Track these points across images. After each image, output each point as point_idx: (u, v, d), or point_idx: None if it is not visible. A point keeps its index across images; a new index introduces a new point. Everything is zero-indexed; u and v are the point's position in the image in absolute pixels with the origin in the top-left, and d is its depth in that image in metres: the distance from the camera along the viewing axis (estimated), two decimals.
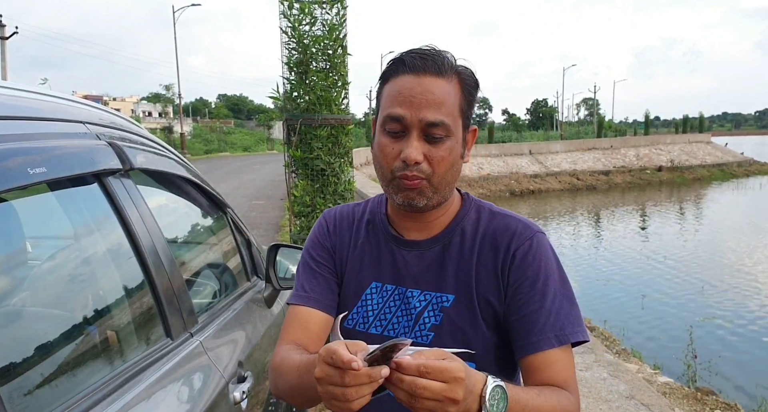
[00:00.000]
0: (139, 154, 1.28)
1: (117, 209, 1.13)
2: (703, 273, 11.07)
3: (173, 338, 1.20)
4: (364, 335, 1.00)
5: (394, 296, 1.01)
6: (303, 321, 1.03)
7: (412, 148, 0.90)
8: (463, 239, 1.01)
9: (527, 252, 0.97)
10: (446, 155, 0.92)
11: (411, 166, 0.91)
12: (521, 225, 1.00)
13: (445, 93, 0.91)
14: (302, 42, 4.12)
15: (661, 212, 20.87)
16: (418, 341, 0.96)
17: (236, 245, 2.00)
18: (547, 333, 0.92)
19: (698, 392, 4.62)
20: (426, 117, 0.89)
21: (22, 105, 0.99)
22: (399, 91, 0.91)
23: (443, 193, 0.97)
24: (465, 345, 0.94)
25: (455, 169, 0.96)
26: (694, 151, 37.57)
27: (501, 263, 0.97)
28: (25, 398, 0.78)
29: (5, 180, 0.77)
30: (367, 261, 1.05)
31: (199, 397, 1.16)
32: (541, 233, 1.00)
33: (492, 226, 1.01)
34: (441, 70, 0.91)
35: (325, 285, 1.06)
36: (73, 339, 0.96)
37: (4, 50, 23.27)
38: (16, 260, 1.01)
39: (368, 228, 1.08)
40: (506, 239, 0.99)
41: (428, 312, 0.98)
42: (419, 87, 0.90)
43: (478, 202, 1.07)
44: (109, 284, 1.15)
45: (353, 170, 4.63)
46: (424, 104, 0.89)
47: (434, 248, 1.02)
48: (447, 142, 0.92)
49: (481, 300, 0.97)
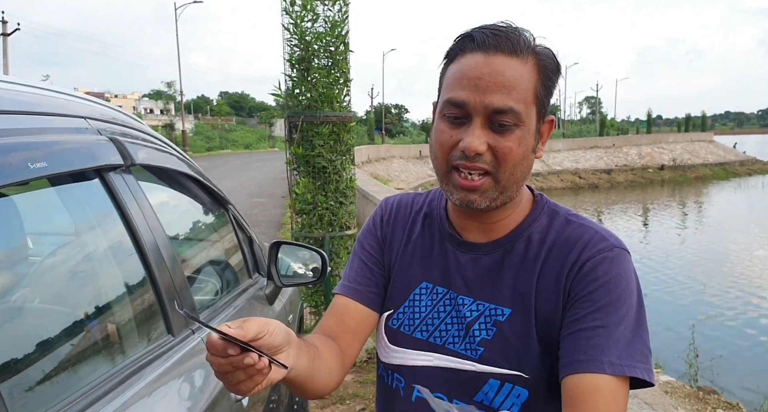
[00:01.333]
0: (141, 150, 1.28)
1: (118, 205, 1.12)
2: (705, 272, 11.06)
3: (175, 334, 1.19)
4: (408, 338, 0.91)
5: (445, 300, 0.91)
6: (339, 312, 0.96)
7: (473, 136, 0.78)
8: (528, 247, 0.88)
9: (598, 265, 0.82)
10: (515, 147, 0.79)
11: (471, 157, 0.79)
12: (598, 236, 0.85)
13: (518, 75, 0.78)
14: (304, 39, 4.10)
15: (662, 210, 20.83)
16: (467, 355, 0.86)
17: (238, 241, 1.99)
18: (600, 355, 0.77)
19: (700, 392, 4.61)
20: (492, 103, 0.77)
21: (22, 99, 0.98)
22: (463, 71, 0.80)
23: (510, 193, 0.84)
24: (517, 366, 0.84)
25: (525, 164, 0.83)
26: (696, 149, 37.51)
27: (565, 276, 0.83)
28: (27, 394, 0.77)
29: (6, 175, 0.77)
30: (418, 258, 0.95)
31: (201, 394, 1.15)
32: (624, 249, 0.85)
33: (564, 235, 0.87)
34: (516, 48, 0.79)
35: (370, 277, 0.97)
36: (74, 335, 0.96)
37: (5, 47, 23.26)
38: (17, 256, 1.01)
39: (425, 222, 0.98)
40: (576, 250, 0.84)
41: (479, 324, 0.87)
42: (487, 67, 0.78)
43: (553, 206, 0.93)
44: (111, 281, 1.14)
45: (355, 168, 4.61)
46: (492, 88, 0.77)
47: (494, 253, 0.89)
48: (516, 131, 0.79)
49: (539, 318, 0.84)
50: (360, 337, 0.96)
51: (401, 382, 0.92)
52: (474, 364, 0.85)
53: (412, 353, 0.90)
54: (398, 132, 63.01)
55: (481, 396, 0.85)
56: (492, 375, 0.84)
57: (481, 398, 0.85)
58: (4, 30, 23.59)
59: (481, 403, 0.85)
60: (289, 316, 2.29)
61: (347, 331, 0.94)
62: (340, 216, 4.37)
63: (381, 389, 0.98)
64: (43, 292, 0.99)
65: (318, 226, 4.34)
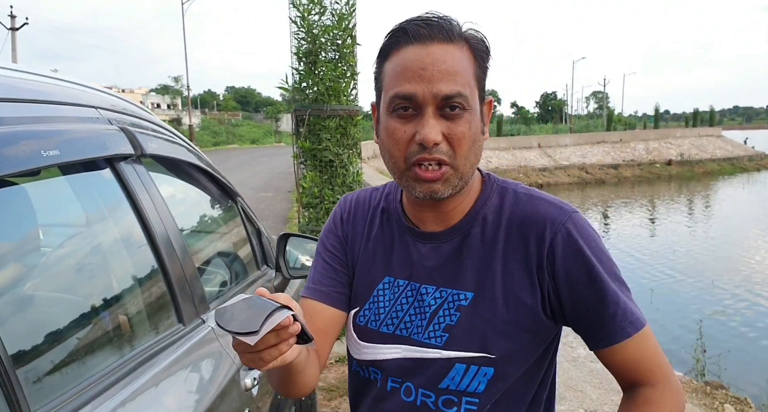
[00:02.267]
0: (151, 141, 1.28)
1: (129, 195, 1.13)
2: (713, 267, 11.00)
3: (185, 323, 1.20)
4: (375, 334, 0.93)
5: (407, 292, 0.92)
6: (310, 314, 0.96)
7: (428, 127, 0.79)
8: (485, 229, 0.89)
9: (566, 239, 0.85)
10: (467, 131, 0.81)
11: (430, 149, 0.80)
12: (552, 208, 0.88)
13: (458, 60, 0.79)
14: (311, 32, 4.09)
15: (670, 205, 20.73)
16: (432, 343, 0.88)
17: (246, 233, 2.00)
18: (621, 322, 0.84)
19: (707, 386, 4.60)
20: (441, 90, 0.78)
21: (34, 88, 0.99)
22: (405, 65, 0.79)
23: (466, 177, 0.85)
24: (482, 348, 0.86)
25: (477, 146, 0.84)
26: (704, 145, 37.24)
27: (537, 257, 0.86)
28: (43, 380, 0.78)
29: (19, 162, 0.77)
30: (379, 254, 0.96)
31: (211, 382, 1.16)
32: (575, 211, 0.88)
33: (518, 211, 0.89)
34: (450, 35, 0.80)
35: (334, 277, 0.98)
36: (88, 324, 0.97)
37: (14, 41, 23.37)
38: (29, 246, 1.01)
39: (383, 217, 0.99)
40: (538, 227, 0.86)
41: (443, 311, 0.89)
42: (429, 57, 0.78)
43: (502, 182, 0.94)
44: (123, 270, 1.15)
45: (361, 162, 4.61)
46: (437, 76, 0.78)
47: (452, 239, 0.91)
48: (465, 115, 0.80)
49: (508, 298, 0.86)
50: (331, 337, 0.98)
51: (378, 374, 0.94)
52: (439, 351, 0.88)
53: (382, 347, 0.92)
54: None
55: (447, 382, 0.87)
56: (458, 360, 0.86)
57: (446, 385, 0.87)
58: (12, 25, 23.71)
59: (447, 389, 0.88)
60: None
61: (318, 333, 0.95)
62: None
63: (356, 383, 1.00)
64: (56, 281, 1.00)
65: (325, 219, 4.34)
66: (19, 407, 0.67)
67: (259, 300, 0.65)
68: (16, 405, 0.67)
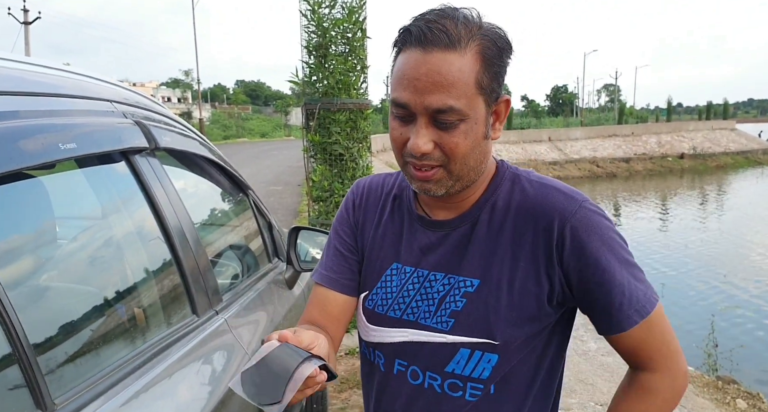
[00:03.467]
0: (165, 134, 1.29)
1: (144, 188, 1.14)
2: (725, 262, 10.90)
3: (199, 315, 1.21)
4: (383, 318, 0.95)
5: (413, 278, 0.94)
6: (322, 301, 1.00)
7: (417, 136, 0.80)
8: (493, 216, 0.90)
9: (577, 227, 0.85)
10: (461, 141, 0.81)
11: (419, 157, 0.82)
12: (562, 197, 0.87)
13: (455, 70, 0.77)
14: (321, 25, 4.09)
15: (682, 199, 20.54)
16: (438, 328, 0.90)
17: (258, 226, 2.01)
18: (627, 311, 0.85)
19: (719, 381, 4.57)
20: (431, 104, 0.78)
21: (50, 82, 1.00)
22: (403, 71, 0.80)
23: (468, 179, 0.86)
24: (486, 334, 0.87)
25: (478, 151, 0.84)
26: (717, 138, 36.80)
27: (545, 247, 0.86)
28: (63, 369, 0.79)
29: (38, 154, 0.78)
30: (388, 240, 0.98)
31: (224, 372, 1.17)
32: (585, 200, 0.88)
33: (529, 199, 0.89)
34: (452, 41, 0.77)
35: (345, 264, 1.01)
36: (104, 315, 0.98)
37: (27, 35, 23.56)
38: (46, 238, 1.03)
39: (394, 204, 1.01)
40: (547, 216, 0.86)
41: (450, 297, 0.90)
42: (424, 66, 0.77)
43: (514, 170, 0.94)
44: (138, 262, 1.17)
45: (371, 156, 4.61)
46: (429, 88, 0.77)
47: (461, 227, 0.92)
48: (461, 126, 0.80)
49: (514, 285, 0.87)
50: (344, 322, 1.01)
51: (381, 358, 0.96)
52: (445, 335, 0.89)
53: (389, 331, 0.95)
54: None
55: (452, 366, 0.89)
56: (462, 344, 0.88)
57: (452, 368, 0.89)
58: (25, 19, 23.89)
59: (452, 372, 0.89)
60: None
61: (332, 320, 0.99)
62: None
63: (364, 366, 1.04)
64: (74, 273, 1.01)
65: (334, 213, 4.35)
66: (41, 395, 0.69)
67: (282, 355, 0.62)
68: (38, 392, 0.68)
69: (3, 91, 0.81)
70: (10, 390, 0.68)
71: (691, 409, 2.58)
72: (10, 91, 0.83)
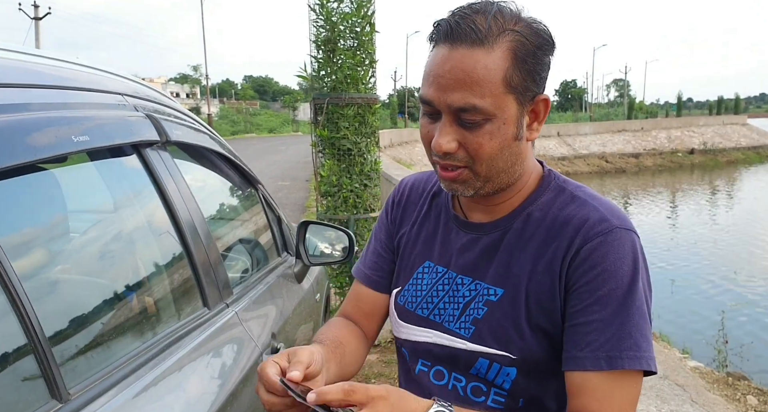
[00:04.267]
0: (176, 128, 1.29)
1: (155, 181, 1.14)
2: (735, 258, 10.82)
3: (210, 307, 1.22)
4: (412, 315, 0.95)
5: (444, 279, 0.92)
6: (356, 297, 1.04)
7: (440, 135, 0.78)
8: (526, 226, 0.86)
9: (595, 249, 0.79)
10: (485, 142, 0.77)
11: (441, 156, 0.80)
12: (598, 215, 0.81)
13: (480, 68, 0.74)
14: (330, 19, 4.08)
15: (691, 195, 20.38)
16: (460, 334, 0.88)
17: (267, 221, 2.02)
18: (597, 351, 0.76)
19: (729, 377, 4.54)
20: (454, 102, 0.75)
21: (63, 75, 1.00)
22: (430, 67, 0.78)
23: (499, 181, 0.82)
24: (504, 347, 0.84)
25: (507, 153, 0.80)
26: (728, 133, 36.46)
27: (561, 260, 0.81)
28: (76, 360, 0.80)
29: (51, 147, 0.79)
30: (423, 238, 0.97)
31: (235, 365, 1.18)
32: (625, 229, 0.80)
33: (565, 212, 0.84)
34: (479, 36, 0.74)
35: (380, 263, 1.02)
36: (118, 307, 0.99)
37: (37, 31, 23.70)
38: (59, 230, 1.03)
39: (432, 202, 1.00)
40: (573, 231, 0.81)
41: (474, 303, 0.87)
42: (448, 63, 0.75)
43: (561, 182, 0.90)
44: (150, 254, 1.17)
45: (379, 151, 4.60)
46: (452, 86, 0.75)
47: (493, 233, 0.89)
48: (486, 126, 0.76)
49: (530, 300, 0.83)
50: (377, 319, 1.03)
51: (407, 355, 0.96)
52: (465, 342, 0.87)
53: (416, 329, 0.94)
54: None
55: (475, 371, 0.88)
56: (481, 354, 0.86)
57: (475, 372, 0.88)
58: (36, 14, 24.04)
59: (477, 376, 0.88)
60: (317, 295, 2.32)
61: (365, 315, 1.02)
62: (365, 198, 4.38)
63: (399, 360, 1.04)
64: (88, 265, 1.02)
65: (343, 208, 4.36)
66: (56, 385, 0.69)
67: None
68: (53, 383, 0.69)
69: (16, 84, 0.81)
70: (25, 380, 0.68)
71: (703, 404, 2.57)
72: (23, 83, 0.83)
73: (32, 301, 0.68)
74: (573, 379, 0.79)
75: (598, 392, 0.76)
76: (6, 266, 0.65)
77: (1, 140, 0.69)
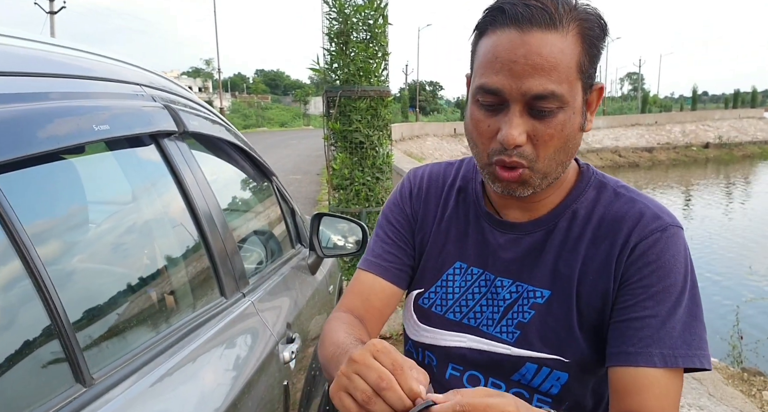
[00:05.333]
0: (192, 119, 1.30)
1: (173, 171, 1.15)
2: (750, 253, 10.70)
3: (227, 297, 1.23)
4: (440, 319, 0.89)
5: (480, 281, 0.87)
6: (366, 290, 0.93)
7: (512, 127, 0.72)
8: (572, 224, 0.83)
9: (651, 247, 0.77)
10: (557, 133, 0.73)
11: (510, 151, 0.74)
12: (650, 212, 0.80)
13: (557, 52, 0.70)
14: (343, 11, 4.07)
15: (706, 189, 20.15)
16: (502, 338, 0.84)
17: (281, 212, 2.03)
18: (650, 347, 0.74)
19: (744, 373, 4.50)
20: (531, 89, 0.70)
21: (83, 65, 1.01)
22: (496, 53, 0.71)
23: (554, 175, 0.79)
24: (556, 351, 0.81)
25: (570, 145, 0.76)
26: (744, 127, 35.96)
27: (616, 258, 0.79)
28: (97, 347, 0.81)
29: (73, 135, 0.79)
30: (452, 237, 0.91)
31: (252, 353, 1.19)
32: (677, 226, 0.79)
33: (613, 210, 0.82)
34: (553, 19, 0.70)
35: (396, 253, 0.94)
36: (138, 295, 1.00)
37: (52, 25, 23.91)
38: (79, 219, 1.04)
39: (458, 198, 0.93)
40: (627, 228, 0.79)
41: (518, 306, 0.83)
42: (522, 48, 0.69)
43: (601, 177, 0.87)
44: (169, 244, 1.18)
45: (391, 144, 4.60)
46: (529, 71, 0.69)
47: (536, 232, 0.84)
48: (560, 114, 0.72)
49: (581, 301, 0.80)
50: (384, 317, 0.95)
51: (433, 360, 0.91)
52: (509, 347, 0.84)
53: (445, 334, 0.89)
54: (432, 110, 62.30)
55: (518, 377, 0.84)
56: (528, 359, 0.82)
57: (518, 378, 0.84)
58: (51, 8, 24.25)
59: (519, 382, 0.84)
60: (330, 287, 2.33)
61: (374, 312, 0.92)
62: (377, 191, 4.38)
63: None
64: (106, 254, 1.03)
65: (355, 201, 4.37)
66: (80, 369, 0.70)
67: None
68: (78, 367, 0.70)
69: (38, 73, 0.82)
70: (51, 365, 0.69)
71: (721, 397, 2.55)
72: (45, 72, 0.84)
73: (57, 289, 0.69)
74: (622, 375, 0.75)
75: (653, 390, 0.73)
76: (33, 254, 0.66)
77: (24, 129, 0.70)
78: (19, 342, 0.65)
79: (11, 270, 0.65)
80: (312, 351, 1.76)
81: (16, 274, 0.65)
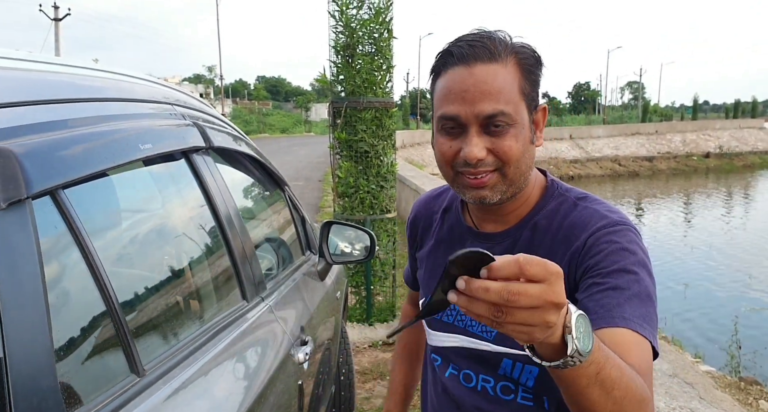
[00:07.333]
0: (217, 134, 1.40)
1: (201, 183, 1.25)
2: (750, 263, 10.75)
3: (248, 300, 1.32)
4: (438, 323, 1.02)
5: None
6: (414, 297, 1.23)
7: (471, 144, 0.83)
8: (534, 234, 0.92)
9: (600, 238, 0.84)
10: (513, 144, 0.84)
11: (474, 165, 0.84)
12: (600, 214, 0.88)
13: (500, 79, 0.82)
14: (349, 25, 4.18)
15: (706, 199, 20.21)
16: (483, 336, 0.94)
17: (293, 220, 2.12)
18: (612, 311, 0.78)
19: (742, 382, 4.57)
20: (483, 111, 0.82)
21: (123, 88, 1.11)
22: (449, 87, 0.84)
23: (518, 184, 0.88)
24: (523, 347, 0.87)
25: (527, 156, 0.87)
26: (745, 136, 36.03)
27: (569, 261, 0.86)
28: (145, 341, 0.90)
29: (125, 153, 0.89)
30: (441, 251, 1.05)
31: (273, 353, 1.28)
32: (626, 225, 0.86)
33: (569, 219, 0.90)
34: (493, 54, 0.83)
35: (415, 267, 1.16)
36: (174, 297, 1.09)
37: (57, 31, 24.07)
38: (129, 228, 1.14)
39: (444, 217, 1.07)
40: (579, 231, 0.87)
41: None
42: (471, 78, 0.82)
43: (564, 189, 0.96)
44: (197, 250, 1.28)
45: (395, 153, 4.70)
46: (479, 97, 0.82)
47: (505, 242, 0.94)
48: (511, 130, 0.83)
49: None
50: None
51: (438, 361, 1.04)
52: (489, 344, 0.93)
53: (443, 335, 1.01)
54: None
55: (502, 371, 0.94)
56: (506, 355, 0.92)
57: (502, 373, 0.94)
58: (56, 15, 24.44)
59: (504, 376, 0.94)
60: (337, 292, 2.41)
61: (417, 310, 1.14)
62: (381, 199, 4.47)
63: (427, 367, 1.12)
64: (152, 259, 1.12)
65: (359, 209, 4.46)
66: (135, 361, 0.79)
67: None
68: (133, 359, 0.79)
69: (92, 98, 0.92)
70: (110, 356, 0.79)
71: (711, 401, 2.62)
72: (97, 97, 0.94)
73: (116, 290, 0.78)
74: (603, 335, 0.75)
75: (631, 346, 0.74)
76: (97, 261, 0.76)
77: (90, 150, 0.80)
78: (84, 338, 0.75)
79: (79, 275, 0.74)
80: (321, 355, 1.85)
81: (83, 279, 0.74)
